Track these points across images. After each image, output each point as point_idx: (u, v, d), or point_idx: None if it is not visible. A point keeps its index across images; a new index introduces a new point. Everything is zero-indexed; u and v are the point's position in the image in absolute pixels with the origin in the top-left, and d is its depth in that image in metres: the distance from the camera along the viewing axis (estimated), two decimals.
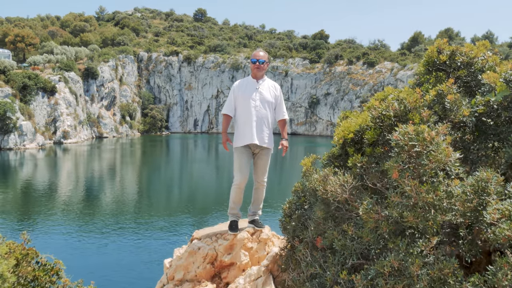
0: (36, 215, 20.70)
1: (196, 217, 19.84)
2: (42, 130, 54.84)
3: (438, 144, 2.22)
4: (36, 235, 17.42)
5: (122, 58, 78.48)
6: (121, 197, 25.07)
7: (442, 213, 2.18)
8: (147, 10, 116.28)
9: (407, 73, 72.62)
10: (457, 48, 3.09)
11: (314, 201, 2.94)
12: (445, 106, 2.67)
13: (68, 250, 15.07)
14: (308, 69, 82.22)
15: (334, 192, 2.59)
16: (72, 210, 21.31)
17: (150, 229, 18.03)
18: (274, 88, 5.43)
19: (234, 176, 5.16)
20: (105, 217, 19.82)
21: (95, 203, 23.22)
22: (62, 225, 18.58)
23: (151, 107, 79.59)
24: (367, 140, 2.83)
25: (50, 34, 79.20)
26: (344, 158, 3.04)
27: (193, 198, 24.10)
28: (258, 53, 5.42)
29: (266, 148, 5.24)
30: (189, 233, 16.50)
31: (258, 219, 5.34)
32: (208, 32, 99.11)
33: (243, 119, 5.21)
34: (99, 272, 13.51)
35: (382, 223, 2.32)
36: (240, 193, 5.18)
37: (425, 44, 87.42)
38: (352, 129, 2.91)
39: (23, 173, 33.89)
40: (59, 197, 25.37)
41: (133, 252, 14.91)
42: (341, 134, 2.96)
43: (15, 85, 51.57)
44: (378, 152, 2.70)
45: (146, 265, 13.61)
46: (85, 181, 31.21)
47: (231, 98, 5.42)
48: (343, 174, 2.70)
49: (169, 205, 22.72)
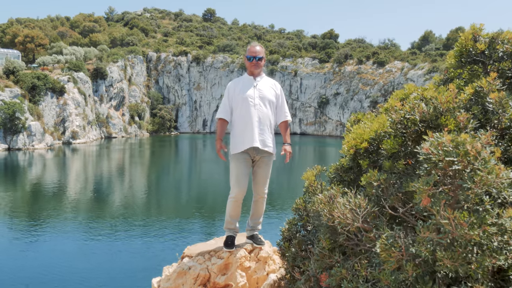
0: (44, 215, 20.41)
1: (202, 223, 19.29)
2: (51, 130, 54.75)
3: (485, 160, 1.63)
4: (43, 235, 17.12)
5: (131, 58, 78.33)
6: (126, 200, 24.65)
7: (491, 254, 1.60)
8: (156, 10, 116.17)
9: (417, 73, 71.61)
10: (498, 34, 2.48)
11: (318, 224, 2.34)
12: (487, 108, 2.08)
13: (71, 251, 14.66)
14: (318, 69, 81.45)
15: (343, 218, 2.00)
16: (77, 211, 20.94)
17: (147, 235, 17.52)
18: (274, 86, 4.84)
19: (230, 187, 4.57)
20: (106, 220, 19.39)
21: (100, 205, 22.81)
22: (68, 226, 18.20)
23: (160, 107, 79.32)
24: (385, 151, 2.21)
25: (59, 34, 79.31)
26: (355, 172, 2.45)
27: (200, 203, 23.56)
28: (254, 49, 4.81)
29: (267, 154, 4.64)
30: (185, 244, 15.95)
31: (258, 234, 4.74)
32: (217, 32, 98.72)
33: (242, 121, 4.61)
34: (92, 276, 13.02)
35: (407, 264, 1.74)
36: (238, 207, 4.59)
37: (436, 43, 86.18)
38: (366, 137, 2.31)
39: (32, 173, 33.69)
40: (67, 197, 25.09)
41: (125, 264, 14.27)
42: (352, 143, 2.36)
43: (24, 85, 51.53)
44: (400, 167, 2.10)
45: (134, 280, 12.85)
46: (93, 182, 30.89)
47: (226, 100, 4.81)
48: (354, 195, 2.09)
49: (173, 209, 22.18)
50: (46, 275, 13.02)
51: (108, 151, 50.78)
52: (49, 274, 13.08)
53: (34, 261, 14.22)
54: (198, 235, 16.33)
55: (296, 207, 3.06)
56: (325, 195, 2.19)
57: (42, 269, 13.56)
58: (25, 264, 13.94)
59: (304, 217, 2.93)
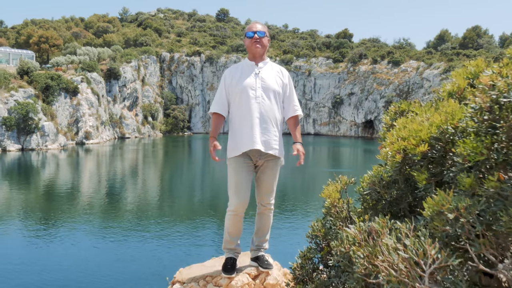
0: (57, 215, 20.04)
1: (210, 230, 18.54)
2: (64, 130, 54.64)
3: None
4: (56, 235, 16.71)
5: (144, 58, 78.17)
6: (138, 202, 24.08)
7: None
8: (170, 10, 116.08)
9: (433, 72, 70.17)
10: None
11: (348, 274, 1.51)
12: None
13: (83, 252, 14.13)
14: (332, 69, 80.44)
15: (396, 275, 1.19)
16: (90, 211, 20.46)
17: (154, 239, 16.84)
18: (281, 74, 3.95)
19: (229, 198, 3.74)
20: (115, 222, 18.80)
21: (112, 206, 22.27)
22: (80, 226, 17.72)
23: (173, 108, 78.97)
24: (461, 158, 1.35)
25: (73, 35, 79.51)
26: (403, 188, 1.63)
27: (212, 207, 22.81)
28: (254, 25, 3.94)
29: (273, 157, 3.80)
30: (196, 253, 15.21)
31: (264, 255, 3.89)
32: (230, 32, 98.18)
33: (241, 118, 3.80)
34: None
35: None
36: (238, 222, 3.77)
37: (452, 42, 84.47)
38: (424, 135, 1.47)
39: (45, 174, 33.43)
40: (80, 197, 24.74)
41: (124, 269, 13.64)
42: (399, 145, 1.53)
43: (38, 85, 51.47)
44: (491, 185, 1.27)
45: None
46: (106, 182, 30.47)
47: (222, 90, 3.97)
48: (412, 234, 1.25)
49: (183, 213, 21.47)
50: (57, 275, 12.54)
51: (122, 152, 50.50)
52: (60, 274, 12.60)
53: (48, 261, 13.82)
54: (204, 244, 15.46)
55: (312, 234, 2.24)
56: (360, 229, 1.37)
57: (55, 269, 13.13)
58: (39, 263, 13.53)
59: (323, 246, 2.13)
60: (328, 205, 2.01)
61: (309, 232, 2.26)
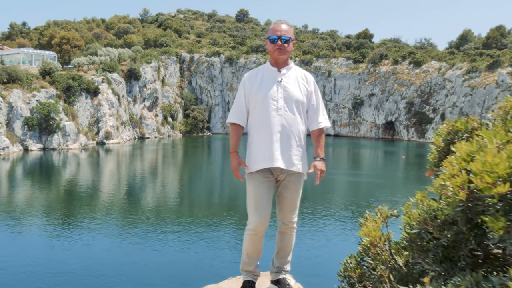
0: (77, 214, 20.13)
1: (227, 240, 18.26)
2: (85, 130, 55.20)
3: None
4: (78, 234, 16.73)
5: (164, 59, 78.57)
6: (157, 203, 24.00)
7: None
8: (190, 11, 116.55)
9: (456, 73, 68.78)
10: None
11: None
12: None
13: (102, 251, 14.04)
14: (352, 69, 79.58)
15: None
16: (110, 210, 20.47)
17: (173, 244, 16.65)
18: (306, 81, 3.57)
19: (248, 216, 3.41)
20: (134, 223, 18.70)
21: (132, 206, 22.23)
22: (100, 225, 17.71)
23: (193, 108, 79.15)
24: None
25: (95, 36, 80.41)
26: (467, 232, 1.28)
27: (231, 214, 22.52)
28: (278, 26, 3.52)
29: (296, 173, 3.46)
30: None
31: (285, 278, 3.53)
32: (250, 33, 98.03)
33: (260, 130, 3.45)
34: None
35: None
36: (258, 243, 3.41)
37: (475, 42, 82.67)
38: (502, 170, 1.05)
39: (66, 173, 33.77)
40: (101, 196, 24.86)
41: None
42: (463, 179, 1.15)
43: (60, 86, 52.12)
44: None
45: None
46: (126, 182, 30.58)
47: (241, 98, 3.65)
48: None
49: (201, 224, 21.17)
50: (76, 274, 12.49)
51: (141, 152, 50.78)
52: (79, 273, 12.53)
53: (65, 260, 13.82)
54: (221, 261, 14.88)
55: (345, 274, 1.90)
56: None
57: (74, 268, 13.10)
58: (59, 262, 13.55)
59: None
60: (367, 244, 1.69)
61: (341, 271, 1.93)
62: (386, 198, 24.29)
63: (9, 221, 18.94)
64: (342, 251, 9.17)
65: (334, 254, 14.81)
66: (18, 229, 17.78)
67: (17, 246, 15.62)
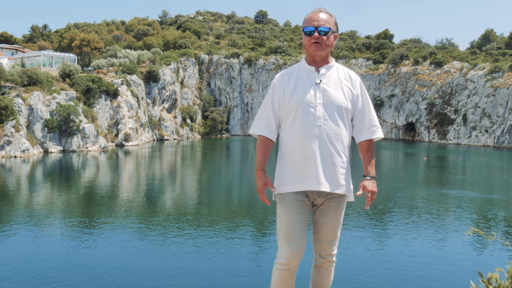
0: (97, 216, 20.02)
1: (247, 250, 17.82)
2: (104, 132, 55.53)
3: None
4: (98, 236, 16.54)
5: (183, 61, 78.81)
6: (175, 205, 23.74)
7: None
8: (209, 13, 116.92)
9: (478, 73, 67.39)
10: None
11: None
12: None
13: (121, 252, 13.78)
14: (372, 70, 78.65)
15: None
16: (129, 212, 20.29)
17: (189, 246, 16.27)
18: (350, 82, 2.94)
19: (278, 247, 2.83)
20: (154, 225, 18.43)
21: (151, 208, 22.01)
22: (120, 227, 17.51)
23: (212, 110, 79.16)
24: None
25: (114, 38, 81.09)
26: None
27: (250, 218, 22.15)
28: (316, 15, 2.88)
29: (337, 196, 2.85)
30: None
31: None
32: (269, 34, 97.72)
33: (295, 144, 2.82)
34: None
35: None
36: (290, 279, 2.84)
37: (497, 42, 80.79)
38: None
39: (86, 175, 33.88)
40: (121, 198, 24.75)
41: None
42: None
43: (79, 88, 52.52)
44: None
45: None
46: (146, 184, 30.47)
47: (269, 104, 2.98)
48: None
49: (222, 223, 20.91)
50: (96, 277, 12.22)
51: (161, 153, 50.83)
52: (99, 276, 12.27)
53: (83, 261, 13.59)
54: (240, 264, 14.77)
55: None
56: None
57: (95, 271, 12.85)
58: (77, 263, 13.33)
59: None
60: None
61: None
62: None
63: (30, 223, 18.89)
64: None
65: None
66: (39, 232, 17.69)
67: (38, 248, 15.50)
